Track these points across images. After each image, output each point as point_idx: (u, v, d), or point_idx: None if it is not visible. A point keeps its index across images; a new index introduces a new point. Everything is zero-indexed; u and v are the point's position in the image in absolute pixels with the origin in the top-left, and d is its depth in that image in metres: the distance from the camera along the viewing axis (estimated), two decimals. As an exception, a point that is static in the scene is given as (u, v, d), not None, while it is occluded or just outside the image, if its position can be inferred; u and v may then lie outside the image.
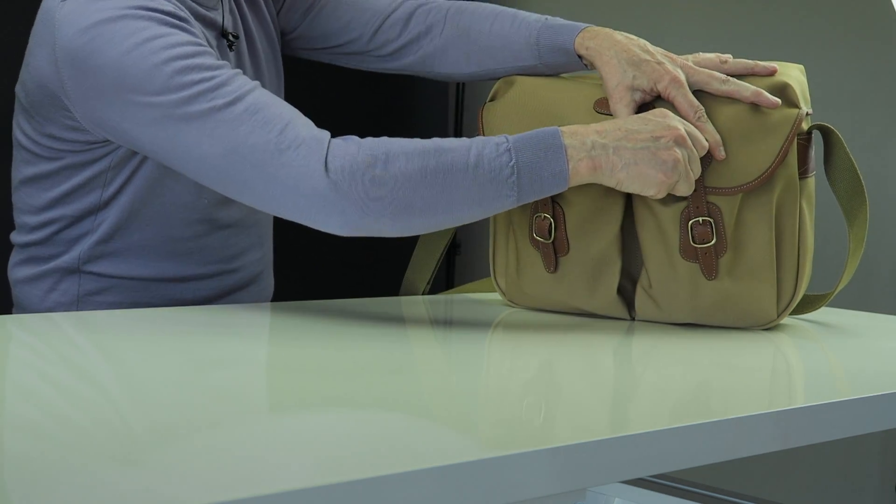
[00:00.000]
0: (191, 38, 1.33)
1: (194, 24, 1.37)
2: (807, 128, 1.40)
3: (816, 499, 2.79)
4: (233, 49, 1.50)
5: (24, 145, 1.45)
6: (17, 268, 1.50)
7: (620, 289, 1.43)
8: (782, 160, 1.34)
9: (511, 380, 1.11)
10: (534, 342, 1.31)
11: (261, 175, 1.27)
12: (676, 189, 1.32)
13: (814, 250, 1.43)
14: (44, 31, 1.36)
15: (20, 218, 1.49)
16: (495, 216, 1.50)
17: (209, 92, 1.29)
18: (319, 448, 0.81)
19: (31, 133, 1.43)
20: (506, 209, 1.29)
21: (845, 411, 1.05)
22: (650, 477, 1.95)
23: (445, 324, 1.50)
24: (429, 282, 1.58)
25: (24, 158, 1.46)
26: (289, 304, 1.46)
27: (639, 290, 1.42)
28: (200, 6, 1.44)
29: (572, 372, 1.16)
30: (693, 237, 1.37)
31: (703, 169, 1.35)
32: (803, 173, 1.39)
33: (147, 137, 1.32)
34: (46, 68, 1.36)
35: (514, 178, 1.26)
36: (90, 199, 1.44)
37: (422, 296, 1.59)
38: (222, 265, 1.51)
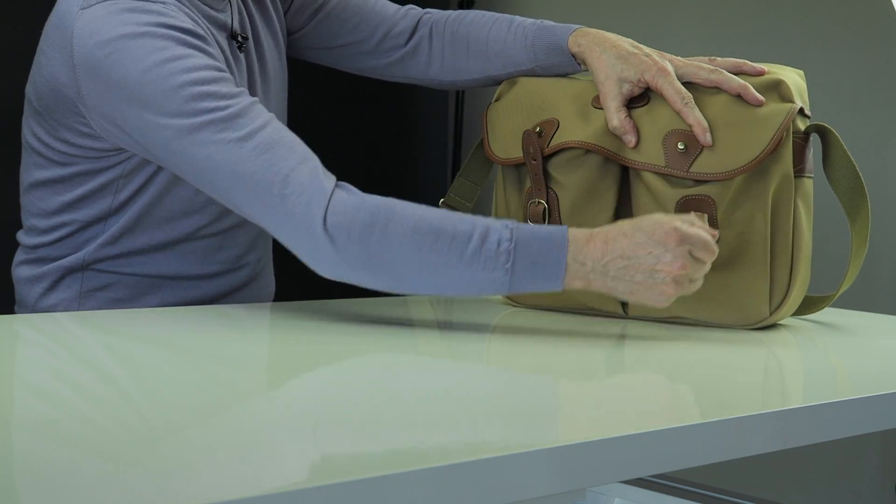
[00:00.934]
0: (209, 61, 1.35)
1: (212, 43, 1.38)
2: (804, 128, 1.41)
3: (816, 499, 2.79)
4: (242, 50, 1.50)
5: (36, 149, 1.45)
6: (22, 267, 1.50)
7: None
8: (773, 149, 1.35)
9: (511, 380, 1.11)
10: (533, 342, 1.31)
11: (262, 211, 1.30)
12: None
13: (815, 252, 1.44)
14: (60, 36, 1.36)
15: (29, 220, 1.49)
16: (495, 206, 1.54)
17: (222, 122, 1.31)
18: (319, 448, 0.81)
19: (43, 137, 1.43)
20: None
21: (845, 411, 1.05)
22: (650, 477, 1.95)
23: (445, 323, 1.50)
24: None
25: (35, 162, 1.46)
26: (292, 303, 1.46)
27: None
28: (210, 7, 1.45)
29: (572, 372, 1.16)
30: None
31: (693, 158, 1.36)
32: (799, 172, 1.40)
33: (158, 152, 1.35)
34: (63, 74, 1.36)
35: (506, 277, 1.25)
36: (101, 206, 1.45)
37: (422, 295, 1.59)
38: (226, 264, 1.51)
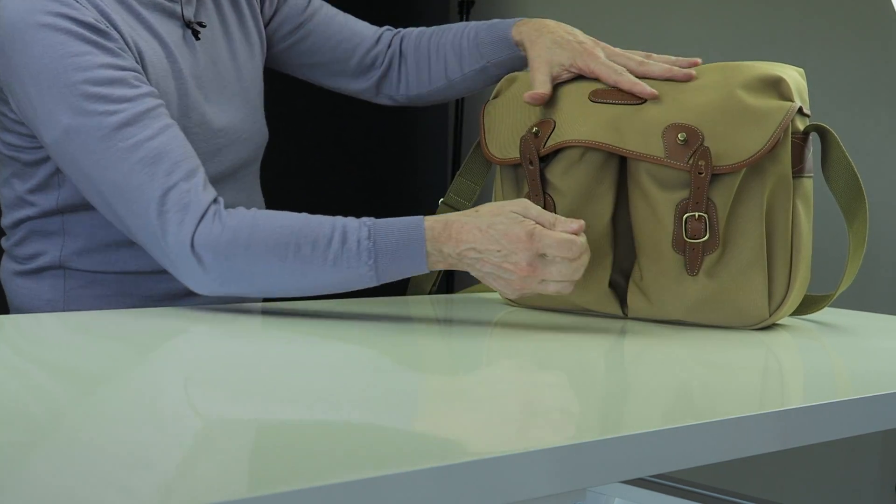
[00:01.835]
0: (108, 59, 1.34)
1: (115, 38, 1.36)
2: (803, 128, 1.41)
3: (816, 499, 2.79)
4: (199, 38, 1.49)
5: None
6: (5, 268, 1.53)
7: (613, 284, 1.45)
8: (773, 146, 1.34)
9: (511, 379, 1.11)
10: (533, 342, 1.31)
11: (138, 225, 1.33)
12: (545, 290, 1.32)
13: (815, 252, 1.44)
14: None
15: (1, 220, 1.54)
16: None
17: (110, 129, 1.32)
18: (319, 448, 0.81)
19: None
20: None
21: (845, 411, 1.05)
22: (650, 477, 1.95)
23: (444, 324, 1.50)
24: (435, 283, 1.59)
25: None
26: (290, 303, 1.46)
27: (631, 285, 1.43)
28: None
29: (571, 372, 1.16)
30: (686, 231, 1.37)
31: (693, 151, 1.35)
32: (798, 172, 1.40)
33: (49, 142, 1.36)
34: None
35: (371, 272, 1.30)
36: (49, 200, 1.46)
37: (418, 295, 1.59)
38: None
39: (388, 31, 1.71)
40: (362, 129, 3.11)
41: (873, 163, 2.64)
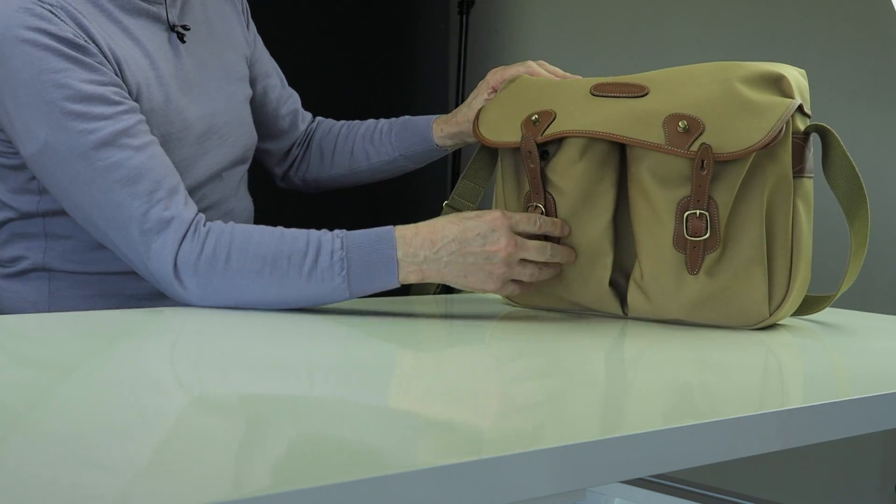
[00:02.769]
0: (86, 75, 1.34)
1: (93, 52, 1.36)
2: (804, 128, 1.41)
3: (816, 499, 2.79)
4: (185, 41, 1.49)
5: None
6: None
7: (613, 283, 1.45)
8: (775, 138, 1.34)
9: (511, 379, 1.11)
10: (533, 342, 1.31)
11: (120, 242, 1.36)
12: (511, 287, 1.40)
13: (816, 252, 1.43)
14: None
15: None
16: (495, 207, 1.54)
17: (89, 148, 1.33)
18: (319, 448, 0.81)
19: None
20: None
21: (845, 411, 1.05)
22: (650, 477, 1.95)
23: (444, 324, 1.50)
24: (438, 286, 1.59)
25: None
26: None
27: (631, 284, 1.43)
28: (142, 1, 1.44)
29: (571, 371, 1.16)
30: (687, 229, 1.37)
31: (694, 138, 1.35)
32: (799, 172, 1.40)
33: (27, 156, 1.37)
34: None
35: (344, 284, 1.34)
36: (29, 204, 1.46)
37: (418, 296, 1.59)
38: None
39: (307, 123, 1.77)
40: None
41: (873, 164, 2.64)
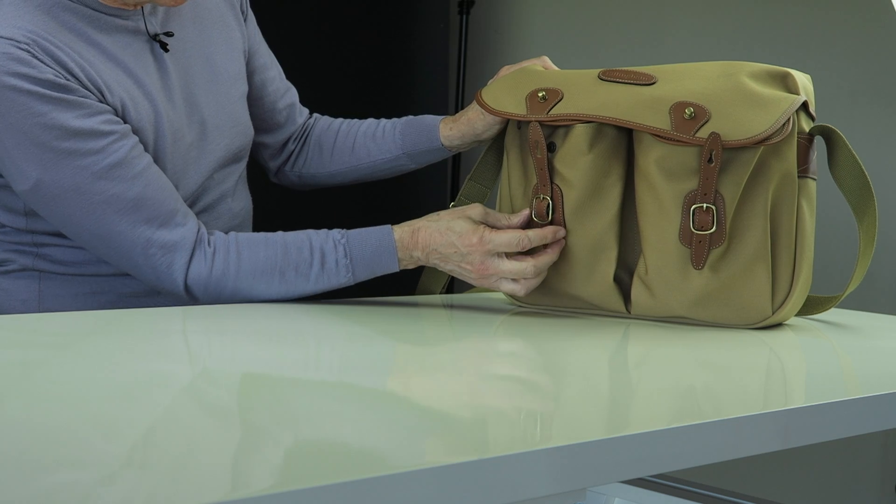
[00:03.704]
0: (71, 113, 1.35)
1: (73, 87, 1.36)
2: (808, 129, 1.41)
3: (816, 499, 2.79)
4: (168, 50, 1.48)
5: None
6: None
7: (617, 280, 1.44)
8: (781, 129, 1.34)
9: (511, 379, 1.11)
10: (536, 341, 1.31)
11: (128, 266, 1.42)
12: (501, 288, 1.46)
13: (820, 253, 1.44)
14: None
15: None
16: (500, 201, 1.53)
17: (85, 183, 1.35)
18: (319, 448, 0.81)
19: None
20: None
21: (845, 411, 1.04)
22: (650, 477, 1.95)
23: (447, 323, 1.50)
24: (444, 286, 1.59)
25: None
26: (288, 304, 1.45)
27: (635, 280, 1.43)
28: (117, 17, 1.43)
29: (572, 372, 1.16)
30: (693, 222, 1.37)
31: (700, 125, 1.35)
32: (803, 173, 1.40)
33: (20, 191, 1.38)
34: None
35: (349, 281, 1.45)
36: (17, 222, 1.46)
37: (419, 296, 1.59)
38: None
39: (305, 118, 1.74)
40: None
41: (874, 165, 2.64)
